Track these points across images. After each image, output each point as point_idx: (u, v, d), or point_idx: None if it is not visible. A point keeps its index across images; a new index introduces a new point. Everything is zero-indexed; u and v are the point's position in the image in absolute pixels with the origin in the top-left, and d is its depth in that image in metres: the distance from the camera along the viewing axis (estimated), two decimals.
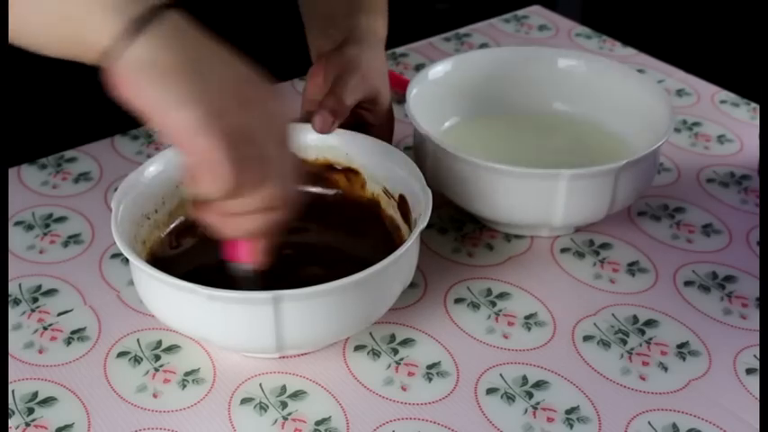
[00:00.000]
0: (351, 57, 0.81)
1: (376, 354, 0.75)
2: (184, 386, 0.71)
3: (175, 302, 0.68)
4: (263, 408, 0.70)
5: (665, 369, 0.74)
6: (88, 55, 0.58)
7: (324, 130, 0.79)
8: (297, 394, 0.71)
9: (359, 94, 0.80)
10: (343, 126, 0.81)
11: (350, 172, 0.82)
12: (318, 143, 0.82)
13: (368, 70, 0.81)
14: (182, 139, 0.58)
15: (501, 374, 0.73)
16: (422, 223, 0.70)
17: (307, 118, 0.81)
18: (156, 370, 0.73)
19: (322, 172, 0.83)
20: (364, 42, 0.83)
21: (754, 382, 0.73)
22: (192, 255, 0.78)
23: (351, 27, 0.84)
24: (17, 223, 0.87)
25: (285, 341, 0.67)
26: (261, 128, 0.61)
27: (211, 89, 0.58)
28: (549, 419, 0.69)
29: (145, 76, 0.57)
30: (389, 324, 0.76)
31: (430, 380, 0.72)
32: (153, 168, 0.77)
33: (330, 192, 0.84)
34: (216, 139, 0.57)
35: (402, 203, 0.78)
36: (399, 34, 1.07)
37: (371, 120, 0.84)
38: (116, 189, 0.74)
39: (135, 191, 0.75)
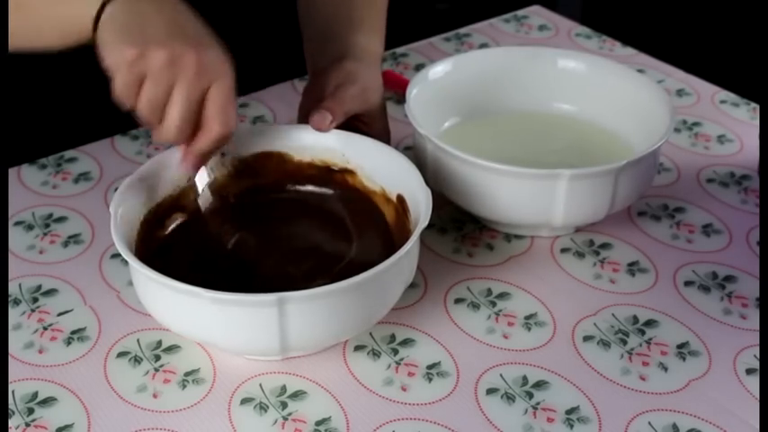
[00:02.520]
0: (350, 70, 0.82)
1: (376, 354, 0.74)
2: (184, 386, 0.71)
3: (176, 305, 0.68)
4: (263, 408, 0.70)
5: (665, 369, 0.74)
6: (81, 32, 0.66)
7: (321, 128, 0.80)
8: (297, 394, 0.71)
9: (357, 103, 0.81)
10: None
11: (347, 173, 0.82)
12: (315, 144, 0.82)
13: (367, 83, 0.82)
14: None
15: (501, 374, 0.73)
16: (422, 223, 0.70)
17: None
18: (156, 370, 0.73)
19: (319, 173, 0.83)
20: (362, 59, 0.84)
21: (754, 382, 0.72)
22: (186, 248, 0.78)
23: (349, 45, 0.85)
24: (17, 223, 0.87)
25: (289, 343, 0.67)
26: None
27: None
28: (549, 420, 0.69)
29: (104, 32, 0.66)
30: (390, 324, 0.76)
31: (430, 380, 0.72)
32: (153, 169, 0.77)
33: (328, 193, 0.83)
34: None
35: (400, 203, 0.78)
36: (399, 34, 1.07)
37: (367, 132, 0.84)
38: (116, 189, 0.74)
39: (134, 192, 0.75)
